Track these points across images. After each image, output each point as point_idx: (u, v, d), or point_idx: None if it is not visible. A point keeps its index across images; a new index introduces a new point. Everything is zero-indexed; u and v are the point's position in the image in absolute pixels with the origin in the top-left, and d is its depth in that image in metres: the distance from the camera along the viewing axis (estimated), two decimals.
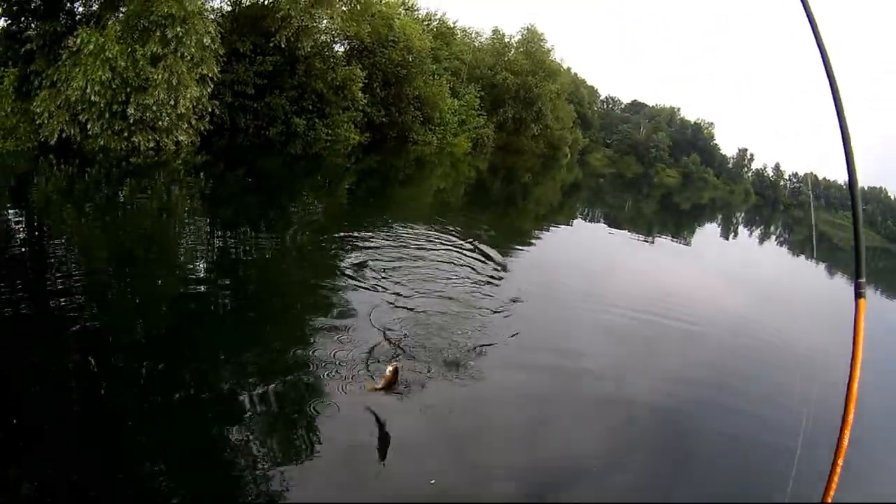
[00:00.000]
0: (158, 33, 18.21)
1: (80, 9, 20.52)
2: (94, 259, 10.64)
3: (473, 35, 47.27)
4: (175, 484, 4.69)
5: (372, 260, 10.51)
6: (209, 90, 19.90)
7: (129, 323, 7.61)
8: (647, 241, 21.36)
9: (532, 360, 7.67)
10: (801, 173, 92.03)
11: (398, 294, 8.92)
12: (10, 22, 19.91)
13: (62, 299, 8.38)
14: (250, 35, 23.35)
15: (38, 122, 17.83)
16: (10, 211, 14.13)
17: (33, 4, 19.75)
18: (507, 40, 48.10)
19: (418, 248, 11.70)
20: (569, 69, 61.30)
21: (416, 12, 39.08)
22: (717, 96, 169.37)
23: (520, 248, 13.15)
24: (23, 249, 11.20)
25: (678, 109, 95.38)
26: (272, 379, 6.00)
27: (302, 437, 5.33)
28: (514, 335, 8.17)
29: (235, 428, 5.29)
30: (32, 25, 19.35)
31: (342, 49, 28.42)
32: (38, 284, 9.06)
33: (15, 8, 19.54)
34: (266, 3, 26.04)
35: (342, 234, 12.68)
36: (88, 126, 17.63)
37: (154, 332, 7.44)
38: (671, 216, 37.52)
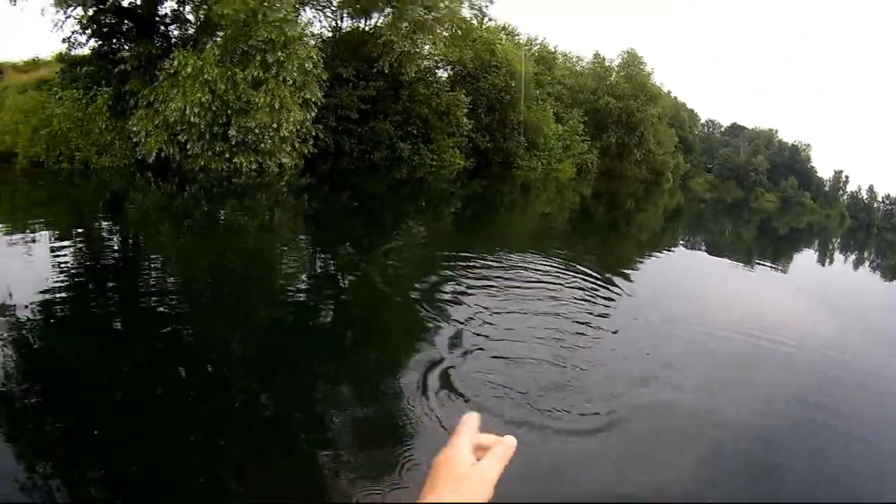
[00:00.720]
0: (259, 58, 17.80)
1: (176, 32, 20.69)
2: (191, 274, 10.47)
3: (574, 59, 45.64)
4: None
5: (475, 284, 9.50)
6: (313, 114, 19.14)
7: (225, 338, 7.45)
8: (746, 267, 19.18)
9: (626, 387, 6.51)
10: (893, 195, 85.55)
11: (495, 320, 7.89)
12: (101, 43, 20.08)
13: (157, 311, 8.32)
14: (352, 60, 22.64)
15: (134, 141, 17.87)
16: (108, 224, 14.18)
17: (125, 27, 19.89)
18: (607, 64, 46.28)
19: (521, 273, 10.46)
20: (668, 92, 58.61)
21: (516, 37, 37.90)
22: (805, 112, 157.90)
23: (621, 274, 11.58)
24: (120, 261, 11.08)
25: (776, 131, 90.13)
26: (363, 403, 5.68)
27: (388, 463, 4.77)
28: (605, 362, 7.02)
29: (324, 452, 4.94)
30: (125, 47, 19.46)
31: (446, 75, 27.51)
32: (133, 296, 9.04)
33: (105, 30, 19.68)
34: (367, 29, 25.58)
35: (446, 257, 11.76)
36: (188, 146, 17.37)
37: (249, 348, 7.21)
38: (770, 242, 34.56)
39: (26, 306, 8.07)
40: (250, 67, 17.69)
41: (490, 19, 32.21)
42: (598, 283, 10.56)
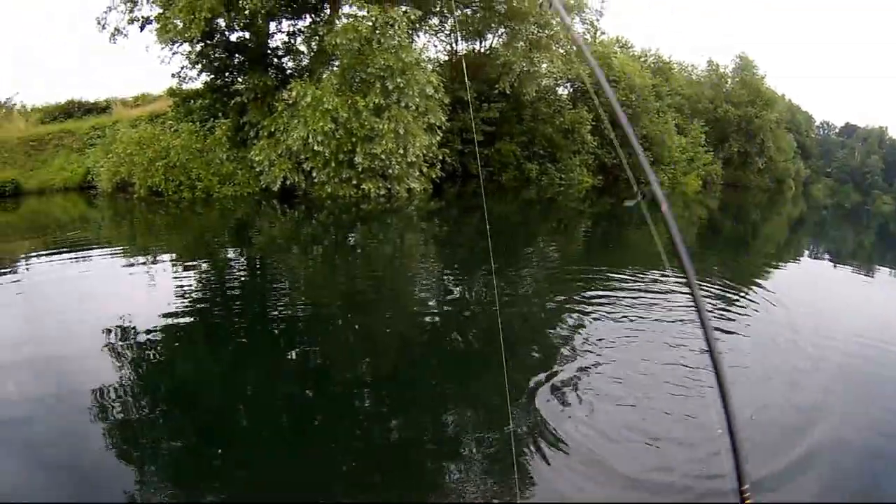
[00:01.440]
0: (378, 85, 17.27)
1: (290, 63, 20.72)
2: (319, 296, 10.32)
3: (689, 68, 43.26)
4: None
5: (608, 303, 8.91)
6: (438, 138, 18.27)
7: (352, 359, 7.31)
8: (867, 276, 17.02)
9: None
10: None
11: (627, 339, 7.40)
12: (213, 76, 20.30)
13: (283, 332, 8.48)
14: (472, 83, 21.90)
15: (257, 170, 17.72)
16: (234, 248, 14.26)
17: (236, 60, 19.96)
18: (721, 71, 43.66)
19: (654, 292, 9.58)
20: (783, 96, 54.88)
21: (630, 49, 36.18)
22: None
23: (748, 289, 10.36)
24: (246, 285, 11.16)
25: (885, 128, 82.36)
26: (492, 429, 5.20)
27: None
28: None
29: (448, 477, 4.68)
30: (239, 80, 19.45)
31: (566, 92, 26.34)
32: (259, 317, 9.18)
33: (216, 64, 19.82)
34: (483, 51, 24.81)
35: (578, 277, 11.20)
36: (314, 174, 17.00)
37: (377, 369, 7.00)
38: (890, 248, 31.57)
39: (149, 328, 8.12)
40: (371, 95, 17.18)
41: (602, 33, 30.98)
42: (727, 298, 9.57)
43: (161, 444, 5.59)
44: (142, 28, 19.16)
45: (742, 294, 9.90)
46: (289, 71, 20.43)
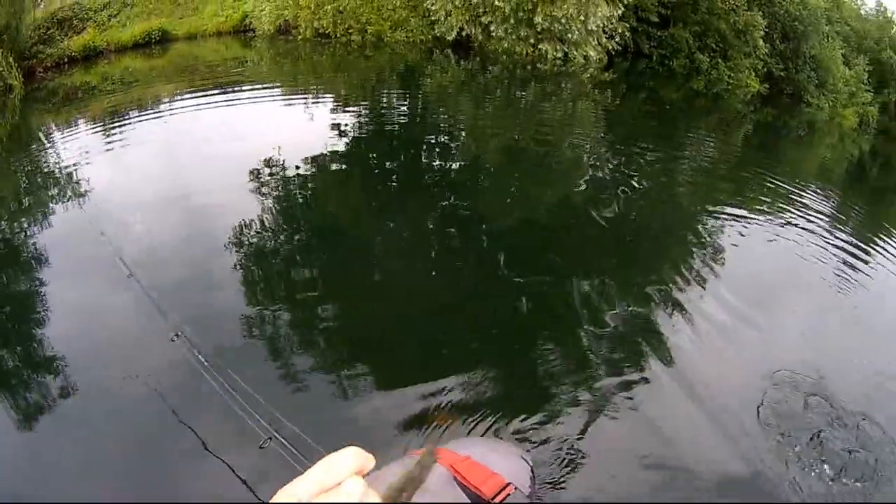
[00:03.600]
0: None
1: None
2: (481, 148, 10.37)
3: (859, 2, 39.90)
4: None
5: (748, 218, 8.40)
6: (619, 12, 17.54)
7: (500, 219, 7.36)
8: None
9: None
10: None
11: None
12: None
13: (438, 179, 8.64)
14: None
15: (432, 18, 17.37)
16: (404, 93, 14.31)
17: None
18: (889, 15, 39.98)
19: (790, 220, 8.77)
20: None
21: None
22: None
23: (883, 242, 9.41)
24: (408, 128, 11.27)
25: None
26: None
27: None
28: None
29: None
30: None
31: None
32: (417, 160, 9.38)
33: None
34: None
35: (729, 182, 10.75)
36: (492, 28, 16.56)
37: (523, 235, 7.04)
38: None
39: (299, 167, 8.39)
40: None
41: None
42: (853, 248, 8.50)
43: (290, 275, 5.82)
44: None
45: (870, 247, 8.98)
46: None
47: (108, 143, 9.90)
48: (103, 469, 3.56)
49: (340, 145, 9.64)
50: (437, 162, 9.49)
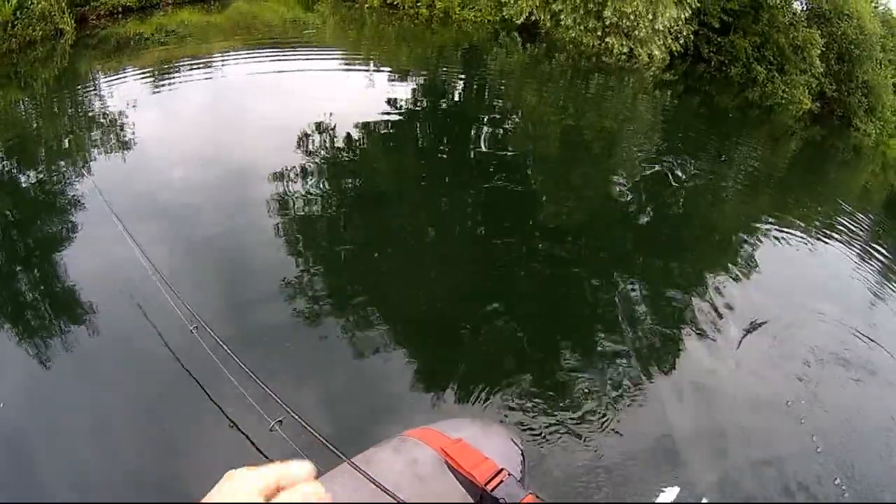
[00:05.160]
0: None
1: None
2: (541, 133, 10.54)
3: None
4: None
5: (787, 232, 8.50)
6: (687, 14, 17.64)
7: (542, 203, 7.59)
8: None
9: None
10: None
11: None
12: None
13: (489, 158, 8.64)
14: None
15: (503, 1, 17.54)
16: (467, 71, 14.34)
17: None
18: None
19: (832, 241, 8.99)
20: None
21: None
22: None
23: None
24: (464, 106, 11.46)
25: None
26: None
27: None
28: None
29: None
30: None
31: (800, 8, 24.65)
32: (469, 138, 9.43)
33: None
34: None
35: (771, 193, 10.99)
36: (561, 16, 16.66)
37: (566, 222, 7.21)
38: None
39: (349, 132, 8.50)
40: None
41: None
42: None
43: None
44: None
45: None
46: None
47: (154, 94, 9.95)
48: (116, 432, 3.65)
49: (393, 117, 9.75)
50: (490, 143, 9.59)
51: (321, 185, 6.91)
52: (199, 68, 11.75)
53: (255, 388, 3.24)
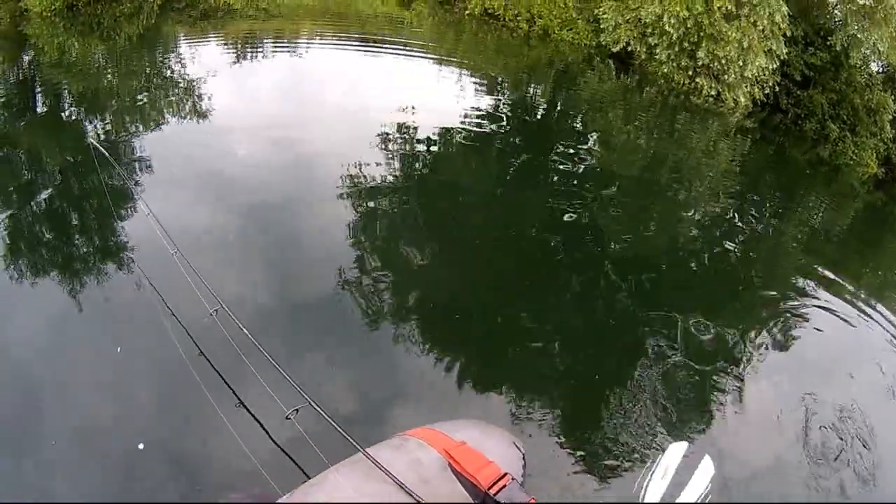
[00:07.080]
0: None
1: None
2: (616, 163, 10.58)
3: None
4: None
5: (836, 296, 8.54)
6: (775, 65, 18.11)
7: (601, 233, 7.69)
8: None
9: None
10: None
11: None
12: None
13: (559, 176, 8.81)
14: (802, 22, 20.94)
15: (601, 27, 17.89)
16: (555, 90, 14.97)
17: None
18: None
19: (882, 313, 8.82)
20: None
21: None
22: None
23: None
24: (545, 125, 11.53)
25: None
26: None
27: None
28: None
29: None
30: None
31: (877, 70, 24.77)
32: (544, 153, 9.51)
33: None
34: None
35: (828, 254, 10.97)
36: (657, 51, 17.12)
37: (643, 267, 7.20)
38: None
39: (429, 131, 8.59)
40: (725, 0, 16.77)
41: None
42: None
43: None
44: None
45: None
46: None
47: (233, 66, 10.17)
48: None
49: (475, 125, 10.00)
50: (565, 166, 9.81)
51: (377, 179, 7.14)
52: (282, 47, 11.95)
53: (271, 376, 3.50)
